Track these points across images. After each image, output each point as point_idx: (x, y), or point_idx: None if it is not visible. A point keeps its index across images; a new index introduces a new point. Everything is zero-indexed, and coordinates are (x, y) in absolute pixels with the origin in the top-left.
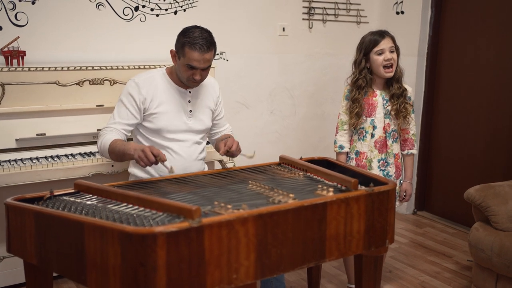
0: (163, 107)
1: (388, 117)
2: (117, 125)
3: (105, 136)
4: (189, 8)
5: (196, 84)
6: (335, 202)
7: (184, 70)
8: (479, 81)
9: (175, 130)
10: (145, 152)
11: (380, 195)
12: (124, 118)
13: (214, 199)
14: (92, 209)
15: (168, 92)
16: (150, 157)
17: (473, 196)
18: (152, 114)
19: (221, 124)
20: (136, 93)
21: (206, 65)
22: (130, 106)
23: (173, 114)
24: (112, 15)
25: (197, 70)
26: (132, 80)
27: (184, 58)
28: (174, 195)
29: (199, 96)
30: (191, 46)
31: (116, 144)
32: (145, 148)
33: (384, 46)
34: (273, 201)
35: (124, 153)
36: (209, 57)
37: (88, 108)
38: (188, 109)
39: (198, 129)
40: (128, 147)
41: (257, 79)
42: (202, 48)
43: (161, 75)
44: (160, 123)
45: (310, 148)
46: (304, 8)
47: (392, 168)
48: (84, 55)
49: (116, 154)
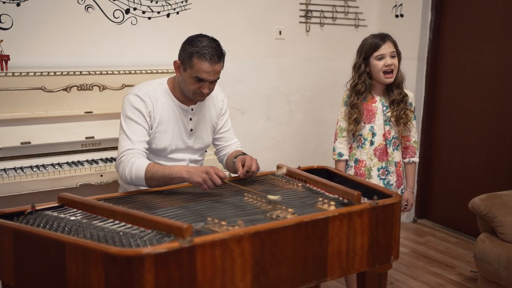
0: (164, 125)
1: (388, 124)
2: (137, 145)
3: (134, 162)
4: (183, 11)
5: (202, 98)
6: (337, 217)
7: (191, 83)
8: (481, 85)
9: (174, 150)
10: (210, 174)
11: (385, 209)
12: (140, 135)
13: (207, 214)
14: (75, 226)
15: (169, 110)
16: (216, 180)
17: (478, 206)
18: (152, 133)
19: (228, 138)
20: (143, 106)
21: (215, 77)
22: (141, 121)
23: (173, 133)
24: (102, 17)
25: (206, 83)
26: (133, 94)
27: (192, 70)
28: (164, 210)
29: (201, 112)
30: (201, 56)
31: (156, 168)
32: (209, 169)
33: (384, 51)
34: (270, 217)
35: (171, 177)
36: (219, 68)
37: (76, 115)
38: (189, 127)
39: (198, 148)
40: (176, 170)
41: (253, 84)
42: (213, 58)
43: (163, 89)
44: (160, 144)
45: (308, 155)
46: (301, 11)
47: (393, 176)
48: (72, 60)
49: (158, 180)
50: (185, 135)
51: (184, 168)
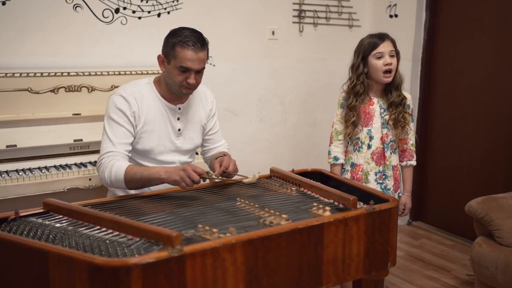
0: (150, 125)
1: (386, 127)
2: (118, 148)
3: (113, 164)
4: (174, 11)
5: (189, 90)
6: (333, 223)
7: (176, 74)
8: (476, 87)
9: (162, 151)
10: (187, 171)
11: (381, 214)
12: (122, 138)
13: (198, 221)
14: (60, 233)
15: (155, 108)
16: (194, 176)
17: (475, 209)
18: (138, 133)
19: (215, 140)
20: (126, 107)
21: (200, 65)
22: (124, 122)
23: (160, 134)
24: (91, 17)
25: (191, 72)
26: (117, 94)
27: (176, 60)
28: (153, 216)
29: (189, 111)
30: (183, 44)
31: (135, 170)
32: (186, 167)
33: (383, 49)
34: (264, 223)
35: (151, 179)
36: (203, 56)
37: (64, 117)
38: (177, 127)
39: (187, 149)
40: (154, 171)
41: (245, 85)
42: (196, 45)
43: (148, 88)
44: (147, 144)
45: (302, 157)
46: (294, 11)
47: (391, 181)
48: (60, 60)
49: (137, 182)
50: (173, 135)
51: (163, 169)
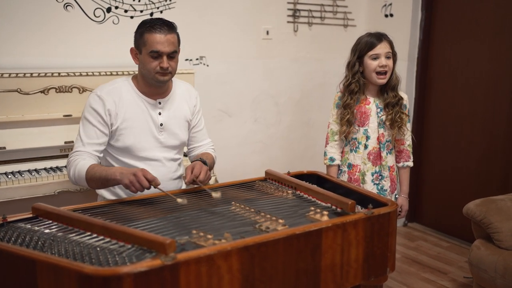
0: (130, 122)
1: (383, 127)
2: (87, 147)
3: (78, 163)
4: (166, 10)
5: (165, 78)
6: (331, 229)
7: (149, 62)
8: (473, 87)
9: (145, 147)
10: (138, 176)
11: (380, 218)
12: (93, 138)
13: (192, 226)
14: (49, 240)
15: (134, 105)
16: (143, 182)
17: (473, 211)
18: (117, 130)
19: (200, 138)
20: (100, 106)
21: (171, 48)
22: (97, 122)
23: (141, 130)
24: (82, 16)
25: (163, 56)
26: (94, 93)
27: (146, 47)
28: (145, 222)
29: (171, 107)
30: (150, 29)
31: (95, 170)
32: (137, 171)
33: (380, 51)
34: (260, 228)
35: (108, 179)
36: (173, 39)
37: (54, 119)
38: (158, 122)
39: (172, 144)
40: (111, 172)
41: (239, 86)
42: (163, 28)
43: (126, 85)
44: (128, 141)
45: (296, 158)
46: (289, 11)
47: (387, 181)
48: (50, 60)
49: (97, 182)
50: (155, 131)
51: (119, 170)
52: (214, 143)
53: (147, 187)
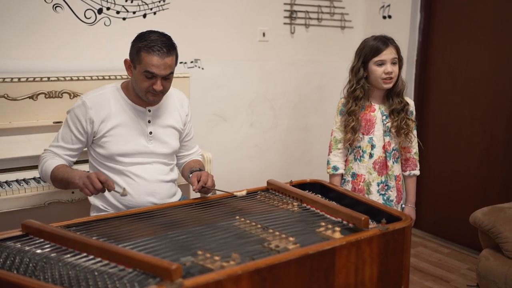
0: (117, 130)
1: (388, 135)
2: (59, 150)
3: (46, 161)
4: (160, 11)
5: (156, 98)
6: (345, 247)
7: (142, 80)
8: (472, 89)
9: (132, 153)
10: (91, 178)
11: (395, 234)
12: (67, 142)
13: (196, 245)
14: (42, 262)
15: (122, 112)
16: (96, 183)
17: (481, 220)
18: (102, 138)
19: (190, 147)
20: (82, 114)
21: (167, 71)
22: (75, 128)
23: (129, 138)
24: (72, 18)
25: (157, 78)
26: (80, 98)
27: (141, 66)
28: (145, 241)
29: (162, 115)
30: (148, 49)
31: (59, 171)
32: (90, 174)
33: (386, 57)
34: (269, 247)
35: (68, 182)
36: (170, 62)
37: (44, 126)
38: (147, 130)
39: (163, 153)
40: (72, 175)
41: (235, 89)
42: (161, 50)
43: (114, 91)
44: (113, 148)
45: (293, 163)
46: (285, 12)
47: (393, 192)
48: (39, 64)
49: (59, 182)
50: (144, 139)
51: (78, 174)
52: (209, 148)
53: (99, 188)
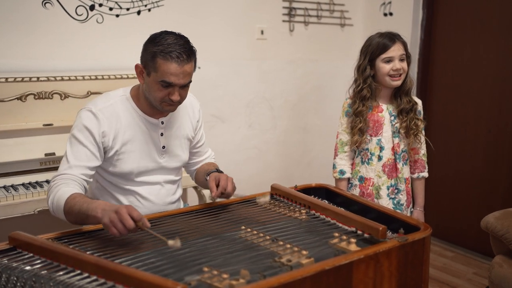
0: (129, 146)
1: (397, 136)
2: (74, 170)
3: (58, 190)
4: (155, 8)
5: (172, 108)
6: (363, 261)
7: (157, 90)
8: (477, 88)
9: (145, 172)
10: (120, 214)
11: (415, 245)
12: (82, 160)
13: (201, 261)
14: (31, 281)
15: (135, 126)
16: (127, 221)
17: (493, 225)
18: (114, 155)
19: (202, 152)
20: (95, 125)
21: (186, 80)
22: (89, 143)
23: (141, 154)
24: (63, 15)
25: (175, 88)
26: (87, 109)
27: (157, 74)
28: (146, 255)
29: (174, 126)
30: (166, 56)
31: (76, 201)
32: (119, 209)
33: (393, 53)
34: (280, 261)
35: (88, 215)
36: (190, 69)
37: (33, 128)
38: (160, 144)
39: (173, 167)
40: (93, 207)
41: (233, 89)
42: (181, 57)
43: (124, 101)
44: (126, 167)
45: (293, 164)
46: (284, 9)
47: (403, 195)
48: (28, 64)
49: (75, 216)
50: (157, 154)
51: (101, 205)
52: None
53: (131, 227)
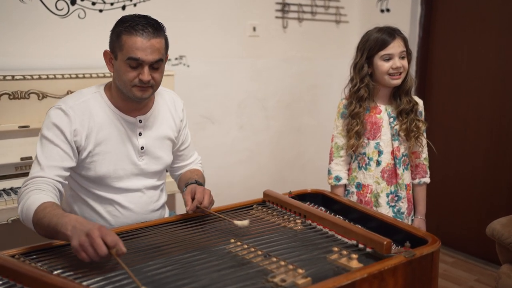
0: (104, 146)
1: (397, 139)
2: (46, 172)
3: (29, 197)
4: (141, 3)
5: (145, 94)
6: (366, 280)
7: (125, 71)
8: (477, 87)
9: (122, 176)
10: (92, 237)
11: (423, 261)
12: (54, 160)
13: (184, 283)
14: None
15: (109, 124)
16: (100, 248)
17: (500, 233)
18: (88, 157)
19: (187, 156)
20: (65, 123)
21: (154, 56)
22: (60, 141)
23: (118, 155)
24: (41, 9)
25: (144, 66)
26: (56, 107)
27: (123, 52)
28: (118, 275)
29: (153, 125)
30: (130, 30)
31: (45, 212)
32: (91, 231)
33: (393, 50)
34: (274, 282)
35: (57, 231)
36: (158, 45)
37: (8, 131)
38: (139, 145)
39: (154, 170)
40: (63, 222)
41: (224, 89)
42: (146, 29)
43: (98, 97)
44: (101, 169)
45: (286, 167)
46: (277, 5)
47: (404, 203)
48: (2, 61)
49: (45, 230)
50: (135, 156)
51: (72, 222)
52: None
53: (103, 254)
